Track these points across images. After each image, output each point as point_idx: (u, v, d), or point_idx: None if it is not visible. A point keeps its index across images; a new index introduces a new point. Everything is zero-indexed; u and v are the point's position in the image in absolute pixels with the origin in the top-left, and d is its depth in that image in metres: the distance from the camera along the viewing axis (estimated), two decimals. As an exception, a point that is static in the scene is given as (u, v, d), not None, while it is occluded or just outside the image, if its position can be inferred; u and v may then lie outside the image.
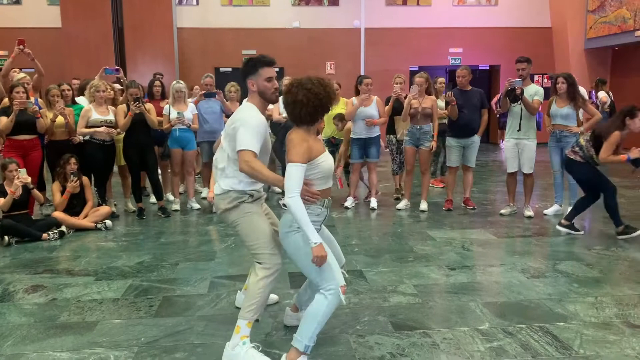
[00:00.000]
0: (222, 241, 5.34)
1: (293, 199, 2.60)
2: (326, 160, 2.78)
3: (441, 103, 7.25)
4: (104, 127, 6.01)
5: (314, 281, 2.75)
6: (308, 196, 2.69)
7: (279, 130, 6.42)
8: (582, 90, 9.93)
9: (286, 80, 7.11)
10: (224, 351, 2.87)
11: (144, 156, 6.28)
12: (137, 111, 5.98)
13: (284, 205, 2.67)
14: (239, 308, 3.44)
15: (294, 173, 2.62)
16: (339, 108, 6.91)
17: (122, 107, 6.17)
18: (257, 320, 2.96)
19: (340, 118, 6.88)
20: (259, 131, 2.83)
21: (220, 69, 13.54)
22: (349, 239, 5.34)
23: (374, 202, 6.78)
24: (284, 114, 6.86)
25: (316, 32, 13.89)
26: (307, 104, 2.68)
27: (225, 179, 2.96)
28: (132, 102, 6.01)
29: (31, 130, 5.85)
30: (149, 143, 6.36)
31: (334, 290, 2.68)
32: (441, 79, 8.09)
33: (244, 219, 2.95)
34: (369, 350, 3.00)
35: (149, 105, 6.37)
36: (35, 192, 5.66)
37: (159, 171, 6.77)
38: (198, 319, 3.45)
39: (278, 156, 6.28)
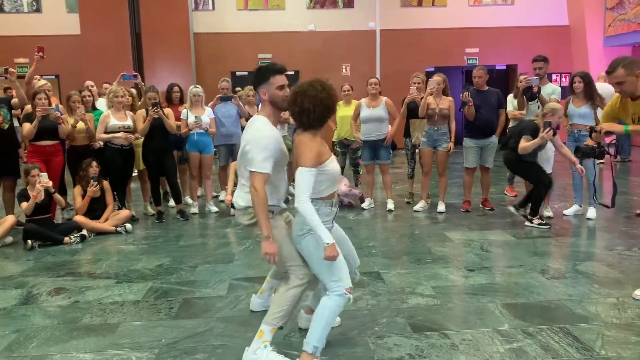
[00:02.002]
0: (240, 244, 5.38)
1: (305, 203, 2.64)
2: (333, 164, 2.81)
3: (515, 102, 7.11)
4: (122, 132, 6.10)
5: (323, 281, 2.80)
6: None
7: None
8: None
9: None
10: (244, 355, 2.88)
11: (163, 160, 6.35)
12: (156, 116, 6.05)
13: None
14: (254, 312, 3.49)
15: (306, 178, 2.66)
16: (351, 110, 6.91)
17: (141, 112, 6.25)
18: (280, 328, 2.96)
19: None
20: (270, 148, 2.82)
21: (237, 73, 13.63)
22: (367, 241, 5.34)
23: (390, 204, 6.77)
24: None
25: (331, 35, 13.92)
26: (314, 111, 2.72)
27: (245, 195, 2.96)
28: (150, 107, 6.08)
29: (53, 136, 5.95)
30: (168, 147, 6.43)
31: (338, 289, 2.73)
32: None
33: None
34: (387, 351, 3.00)
35: (167, 110, 6.45)
36: (57, 196, 5.75)
37: (177, 175, 6.84)
38: (217, 321, 3.48)
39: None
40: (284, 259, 2.91)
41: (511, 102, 6.73)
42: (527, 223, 5.76)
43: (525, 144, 5.51)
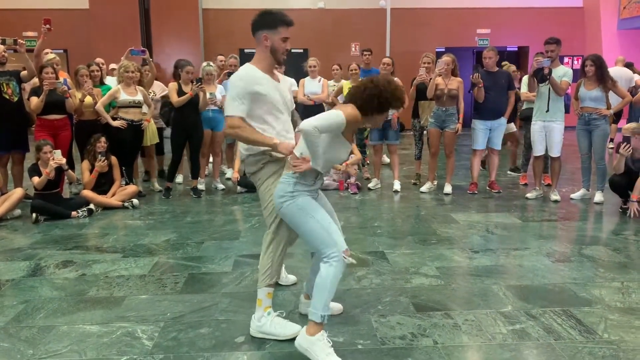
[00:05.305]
0: (246, 221, 5.40)
1: (314, 129, 2.47)
2: (347, 150, 2.71)
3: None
4: (143, 122, 6.28)
5: (317, 248, 2.69)
6: (295, 164, 2.63)
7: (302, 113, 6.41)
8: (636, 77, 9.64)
9: (312, 60, 7.12)
10: (251, 323, 2.96)
11: (192, 135, 6.39)
12: (200, 92, 6.10)
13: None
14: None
15: (334, 119, 2.50)
16: None
17: (174, 85, 6.26)
18: (276, 284, 3.00)
19: None
20: (242, 92, 2.72)
21: (245, 50, 13.53)
22: (372, 221, 5.35)
23: (397, 185, 6.76)
24: (310, 95, 6.90)
25: (341, 13, 13.76)
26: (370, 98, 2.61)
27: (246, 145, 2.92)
28: (195, 83, 6.10)
29: (61, 110, 5.96)
30: (198, 121, 6.44)
31: (337, 255, 2.63)
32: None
33: (266, 181, 2.91)
34: (390, 330, 3.02)
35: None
36: (70, 172, 5.77)
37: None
38: (222, 296, 3.51)
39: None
40: (266, 207, 2.93)
41: (525, 83, 6.65)
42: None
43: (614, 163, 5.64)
